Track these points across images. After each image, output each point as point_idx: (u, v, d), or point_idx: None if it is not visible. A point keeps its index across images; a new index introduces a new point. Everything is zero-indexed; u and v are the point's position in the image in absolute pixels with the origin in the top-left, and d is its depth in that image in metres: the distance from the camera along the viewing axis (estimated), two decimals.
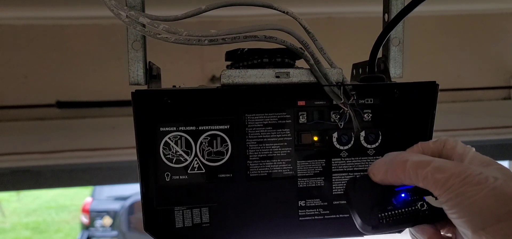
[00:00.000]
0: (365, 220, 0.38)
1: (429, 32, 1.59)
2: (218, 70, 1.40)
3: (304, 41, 0.46)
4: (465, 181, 0.33)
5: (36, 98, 1.42)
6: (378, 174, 0.39)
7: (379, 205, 0.38)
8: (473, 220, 0.32)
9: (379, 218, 0.37)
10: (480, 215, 0.32)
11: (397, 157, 0.38)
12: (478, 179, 0.33)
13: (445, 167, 0.35)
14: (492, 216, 0.32)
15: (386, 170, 0.38)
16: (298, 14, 0.46)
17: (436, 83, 0.49)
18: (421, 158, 0.36)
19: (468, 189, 0.33)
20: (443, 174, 0.34)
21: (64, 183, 1.24)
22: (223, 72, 0.47)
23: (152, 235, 0.47)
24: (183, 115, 0.46)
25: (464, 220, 0.33)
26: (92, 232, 4.33)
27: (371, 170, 0.39)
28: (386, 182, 0.38)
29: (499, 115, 1.50)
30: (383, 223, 0.37)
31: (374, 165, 0.40)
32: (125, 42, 0.47)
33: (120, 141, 1.20)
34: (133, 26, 0.44)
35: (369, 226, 0.37)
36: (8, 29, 1.41)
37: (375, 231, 0.38)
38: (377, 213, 0.37)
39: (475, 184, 0.33)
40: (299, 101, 0.48)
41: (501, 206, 0.32)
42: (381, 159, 0.39)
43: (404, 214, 0.37)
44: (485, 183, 0.33)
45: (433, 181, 0.34)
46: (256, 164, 0.48)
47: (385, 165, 0.38)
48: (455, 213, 0.33)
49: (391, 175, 0.37)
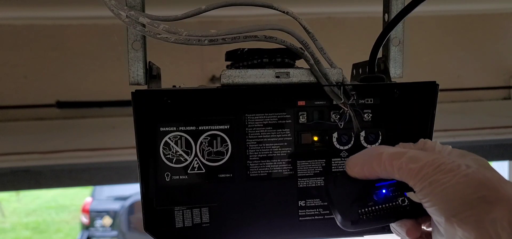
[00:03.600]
0: (344, 215, 0.37)
1: (429, 32, 1.59)
2: (218, 70, 1.40)
3: (304, 41, 0.46)
4: (438, 169, 0.33)
5: (36, 98, 1.42)
6: (355, 167, 0.38)
7: (360, 201, 0.38)
8: (445, 207, 0.32)
9: (359, 214, 0.37)
10: (452, 201, 0.32)
11: (373, 150, 0.38)
12: (450, 167, 0.33)
13: (419, 157, 0.35)
14: (464, 203, 0.31)
15: (363, 163, 0.38)
16: (298, 14, 0.46)
17: (436, 83, 0.49)
18: (397, 150, 0.37)
19: (441, 177, 0.33)
20: (417, 163, 0.34)
21: (64, 183, 1.24)
22: (223, 72, 0.47)
23: (152, 235, 0.47)
24: (183, 115, 0.46)
25: (436, 208, 0.33)
26: (92, 232, 4.33)
27: (347, 164, 0.39)
28: (362, 176, 0.38)
29: (499, 115, 1.50)
30: (363, 219, 0.37)
31: (350, 159, 0.39)
32: (125, 42, 0.47)
33: (120, 141, 1.20)
34: (133, 26, 0.44)
35: (348, 221, 0.37)
36: (8, 29, 1.41)
37: (355, 227, 0.37)
38: (357, 209, 0.37)
39: (448, 172, 0.33)
40: (299, 101, 0.48)
41: (472, 192, 0.31)
42: (357, 154, 0.39)
43: (384, 210, 0.37)
44: (457, 170, 0.32)
45: (407, 171, 0.34)
46: (256, 164, 0.48)
47: (362, 159, 0.38)
48: (428, 201, 0.33)
49: (367, 169, 0.37)
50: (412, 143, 0.41)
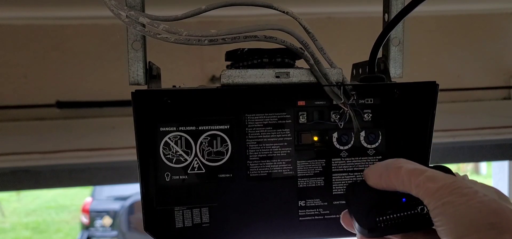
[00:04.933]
0: (361, 223, 0.37)
1: (429, 32, 1.59)
2: (218, 70, 1.40)
3: (304, 41, 0.46)
4: (454, 191, 0.33)
5: (36, 98, 1.42)
6: (373, 177, 0.39)
7: (378, 209, 0.38)
8: (454, 228, 0.32)
9: (377, 222, 0.37)
10: (461, 224, 0.32)
11: (393, 163, 0.38)
12: (466, 191, 0.33)
13: (438, 177, 0.35)
14: (472, 227, 0.31)
15: (381, 174, 0.38)
16: (298, 14, 0.46)
17: (436, 83, 0.49)
18: (416, 166, 0.36)
19: (455, 199, 0.33)
20: (435, 183, 0.34)
21: (64, 183, 1.24)
22: (223, 72, 0.47)
23: (152, 235, 0.47)
24: (183, 115, 0.46)
25: (445, 229, 0.33)
26: (92, 232, 4.34)
27: (366, 173, 0.40)
28: (380, 187, 0.38)
29: (499, 115, 1.50)
30: (381, 227, 0.37)
31: (370, 168, 0.40)
32: (125, 42, 0.47)
33: (120, 141, 1.20)
34: (133, 26, 0.44)
35: (365, 229, 0.37)
36: (8, 29, 1.41)
37: (372, 234, 0.37)
38: (375, 217, 0.37)
39: (463, 195, 0.33)
40: (299, 102, 0.48)
41: (483, 218, 0.31)
42: (377, 163, 0.39)
43: (403, 218, 0.37)
44: (473, 195, 0.32)
45: (424, 190, 0.34)
46: (256, 164, 0.48)
47: (380, 170, 0.38)
48: (439, 221, 0.33)
49: (385, 180, 0.37)
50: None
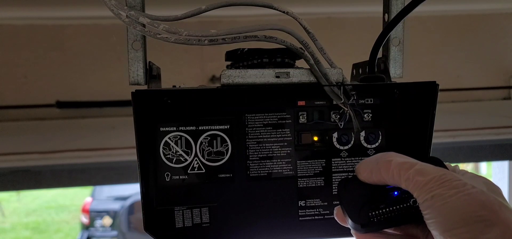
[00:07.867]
0: (354, 218, 0.38)
1: (429, 32, 1.59)
2: (218, 70, 1.40)
3: (304, 41, 0.46)
4: (442, 184, 0.33)
5: (36, 98, 1.42)
6: (364, 172, 0.39)
7: (371, 204, 0.38)
8: (442, 221, 0.32)
9: (370, 217, 0.37)
10: (450, 217, 0.32)
11: (383, 157, 0.38)
12: (455, 184, 0.33)
13: (427, 170, 0.35)
14: (460, 219, 0.31)
15: (371, 169, 0.38)
16: (298, 14, 0.46)
17: (436, 83, 0.49)
18: (406, 160, 0.37)
19: (444, 191, 0.33)
20: (424, 176, 0.34)
21: (64, 183, 1.24)
22: (223, 72, 0.47)
23: (152, 235, 0.48)
24: (183, 115, 0.46)
25: (434, 221, 0.33)
26: (92, 232, 4.34)
27: (357, 169, 0.40)
28: (371, 181, 0.38)
29: (499, 115, 1.49)
30: (374, 222, 0.37)
31: (361, 163, 0.40)
32: (125, 42, 0.47)
33: (120, 141, 1.20)
34: (133, 26, 0.44)
35: (358, 224, 0.37)
36: (8, 29, 1.41)
37: (366, 229, 0.37)
38: (368, 212, 0.37)
39: (452, 188, 0.33)
40: (299, 101, 0.48)
41: (472, 210, 0.31)
42: (368, 158, 0.40)
43: (395, 212, 0.37)
44: (462, 188, 0.33)
45: (414, 183, 0.35)
46: (256, 164, 0.48)
47: (371, 164, 0.38)
48: (428, 213, 0.33)
49: (375, 174, 0.38)
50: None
